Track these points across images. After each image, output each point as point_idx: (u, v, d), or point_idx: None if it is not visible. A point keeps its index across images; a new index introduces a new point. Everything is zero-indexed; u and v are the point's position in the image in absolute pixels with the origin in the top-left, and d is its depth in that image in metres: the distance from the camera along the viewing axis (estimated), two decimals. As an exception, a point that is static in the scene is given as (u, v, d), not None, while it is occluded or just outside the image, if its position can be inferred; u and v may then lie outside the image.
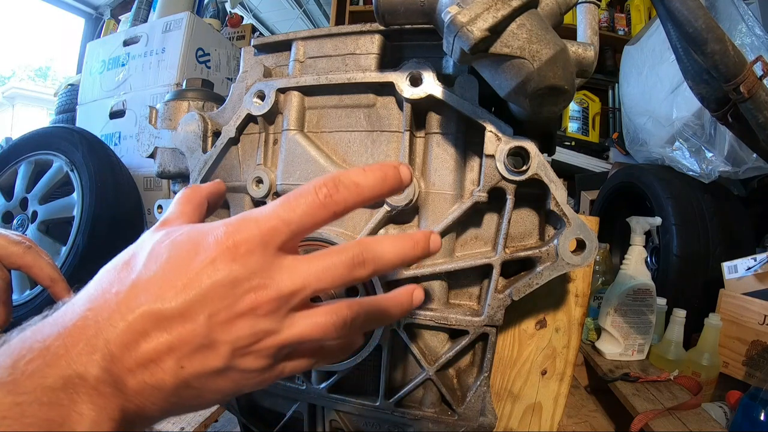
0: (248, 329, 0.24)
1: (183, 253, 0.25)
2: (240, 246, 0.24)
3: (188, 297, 0.24)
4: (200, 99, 0.69)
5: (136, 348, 0.23)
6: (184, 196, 0.33)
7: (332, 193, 0.26)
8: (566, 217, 0.44)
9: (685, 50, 0.52)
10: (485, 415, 0.50)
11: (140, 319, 0.23)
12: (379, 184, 0.28)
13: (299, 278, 0.25)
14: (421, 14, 0.41)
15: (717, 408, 0.84)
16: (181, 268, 0.24)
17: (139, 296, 0.24)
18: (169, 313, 0.24)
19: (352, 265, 0.26)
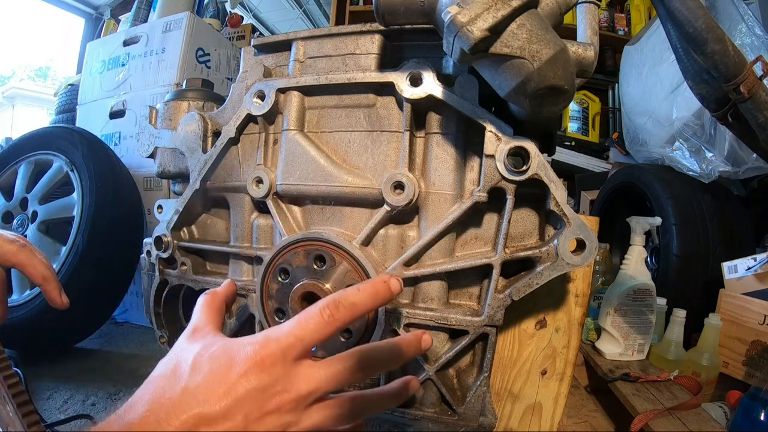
0: (275, 422, 0.32)
1: (221, 367, 0.32)
2: (266, 360, 0.32)
3: (228, 402, 0.31)
4: (200, 99, 0.69)
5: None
6: (206, 303, 0.41)
7: (333, 313, 0.34)
8: (566, 217, 0.44)
9: (685, 50, 0.52)
10: (485, 415, 0.50)
11: (192, 419, 0.30)
12: (371, 300, 0.36)
13: (313, 383, 0.33)
14: (421, 14, 0.41)
15: (717, 408, 0.84)
16: (221, 379, 0.31)
17: (189, 401, 0.31)
18: (214, 415, 0.30)
19: (356, 371, 0.34)
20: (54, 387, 1.10)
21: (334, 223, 0.54)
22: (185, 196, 0.61)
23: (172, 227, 0.62)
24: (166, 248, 0.63)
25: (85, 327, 1.31)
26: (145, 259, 0.66)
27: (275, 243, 0.56)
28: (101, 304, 1.31)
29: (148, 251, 0.65)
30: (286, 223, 0.55)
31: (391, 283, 0.37)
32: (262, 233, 0.58)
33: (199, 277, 0.62)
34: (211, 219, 0.65)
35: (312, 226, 0.56)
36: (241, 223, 0.59)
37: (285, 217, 0.55)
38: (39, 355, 1.24)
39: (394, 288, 0.37)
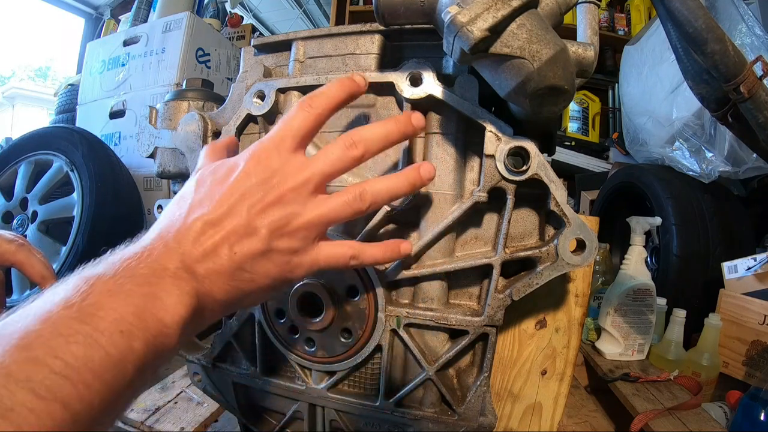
0: (278, 213, 0.32)
1: (223, 175, 0.34)
2: (260, 154, 0.33)
3: (231, 201, 0.32)
4: (200, 99, 0.69)
5: (200, 244, 0.31)
6: (208, 148, 0.43)
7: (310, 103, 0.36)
8: (566, 217, 0.44)
9: (685, 50, 0.52)
10: (485, 415, 0.50)
11: (201, 225, 0.32)
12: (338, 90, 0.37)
13: (311, 168, 0.33)
14: (421, 14, 0.41)
15: (717, 408, 0.84)
16: (222, 184, 0.33)
17: (195, 211, 0.32)
18: (220, 215, 0.32)
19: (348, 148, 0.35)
20: (54, 387, 1.10)
21: (334, 223, 0.54)
22: (185, 196, 0.61)
23: (172, 227, 0.62)
24: (166, 248, 0.62)
25: (85, 327, 1.31)
26: (145, 259, 0.66)
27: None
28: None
29: (148, 251, 0.65)
30: (286, 223, 0.55)
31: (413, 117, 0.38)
32: (262, 233, 0.58)
33: (199, 277, 0.62)
34: (211, 219, 0.65)
35: (312, 226, 0.56)
36: (241, 223, 0.59)
37: (285, 217, 0.55)
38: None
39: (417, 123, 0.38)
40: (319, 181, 0.34)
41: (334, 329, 0.52)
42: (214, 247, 0.31)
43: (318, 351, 0.53)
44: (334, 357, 0.53)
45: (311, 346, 0.53)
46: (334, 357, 0.53)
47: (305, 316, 0.52)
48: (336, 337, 0.52)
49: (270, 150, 0.34)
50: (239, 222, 0.32)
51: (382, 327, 0.50)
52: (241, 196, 0.32)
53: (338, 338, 0.52)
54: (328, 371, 0.54)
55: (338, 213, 0.34)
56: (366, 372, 0.54)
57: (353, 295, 0.51)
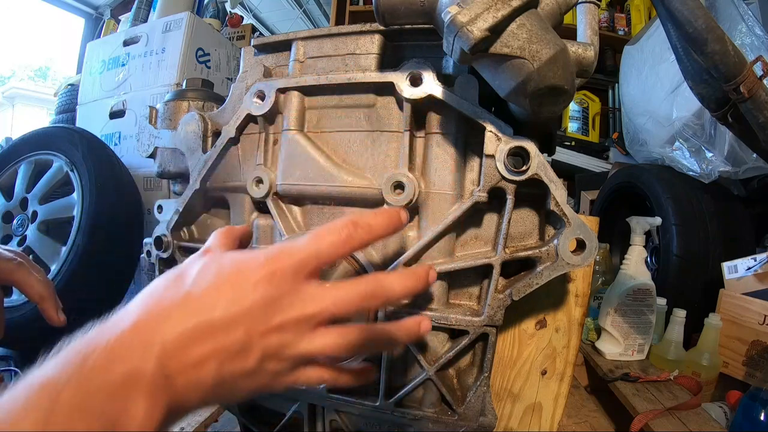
0: (276, 340, 0.30)
1: (230, 275, 0.31)
2: (276, 272, 0.30)
3: (233, 311, 0.29)
4: (200, 99, 0.69)
5: (187, 351, 0.28)
6: (222, 232, 0.39)
7: (352, 233, 0.33)
8: (566, 217, 0.44)
9: (685, 50, 0.52)
10: (485, 415, 0.50)
11: (193, 328, 0.29)
12: (385, 227, 0.35)
13: (320, 304, 0.31)
14: (421, 14, 0.41)
15: (717, 408, 0.84)
16: (227, 287, 0.30)
17: (191, 306, 0.29)
18: (217, 324, 0.29)
19: (365, 297, 0.32)
20: (54, 387, 1.10)
21: (334, 223, 0.54)
22: (185, 196, 0.61)
23: (172, 227, 0.62)
24: (166, 248, 0.62)
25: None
26: (145, 259, 0.66)
27: (275, 243, 0.56)
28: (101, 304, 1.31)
29: (148, 251, 0.65)
30: (286, 224, 0.55)
31: (401, 214, 0.37)
32: (263, 233, 0.58)
33: (199, 277, 0.62)
34: (211, 219, 0.65)
35: (312, 226, 0.56)
36: (241, 223, 0.59)
37: (285, 217, 0.55)
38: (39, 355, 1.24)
39: (404, 218, 0.37)
40: (326, 319, 0.32)
41: (334, 329, 0.51)
42: (202, 358, 0.29)
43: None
44: (334, 357, 0.53)
45: (311, 346, 0.53)
46: (334, 357, 0.53)
47: (305, 316, 0.52)
48: (336, 337, 0.52)
49: (287, 271, 0.31)
50: (236, 339, 0.29)
51: (382, 327, 0.50)
52: (245, 311, 0.30)
53: (338, 338, 0.52)
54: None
55: (331, 350, 0.32)
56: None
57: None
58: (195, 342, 0.29)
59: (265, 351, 0.30)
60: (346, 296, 0.32)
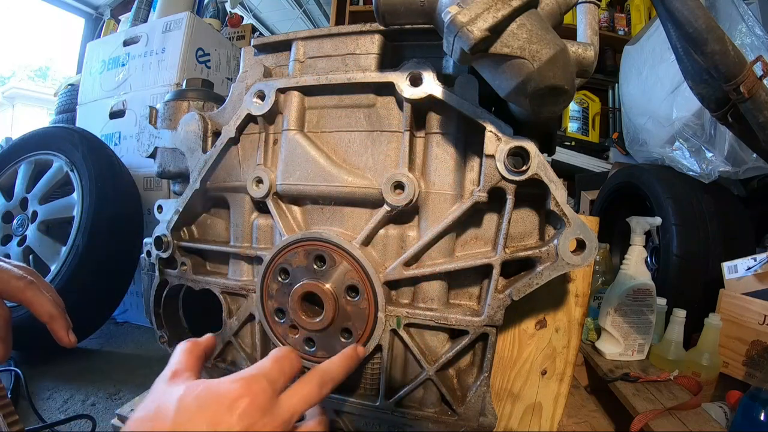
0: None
1: (211, 406, 0.33)
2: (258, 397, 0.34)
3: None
4: (200, 99, 0.69)
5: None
6: (187, 349, 0.41)
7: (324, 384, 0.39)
8: (566, 217, 0.44)
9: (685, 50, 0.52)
10: (485, 415, 0.50)
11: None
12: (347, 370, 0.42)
13: (293, 408, 0.36)
14: (421, 14, 0.41)
15: (717, 408, 0.84)
16: (213, 421, 0.32)
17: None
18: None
19: (321, 388, 0.38)
20: (54, 387, 1.10)
21: (334, 223, 0.54)
22: (185, 196, 0.61)
23: (172, 227, 0.62)
24: (166, 248, 0.63)
25: (85, 327, 1.31)
26: (145, 259, 0.66)
27: (275, 243, 0.56)
28: (101, 304, 1.31)
29: (148, 251, 0.65)
30: (286, 223, 0.55)
31: (358, 350, 0.44)
32: (262, 233, 0.58)
33: (199, 277, 0.62)
34: (211, 219, 0.65)
35: (312, 226, 0.56)
36: (241, 223, 0.59)
37: (285, 217, 0.55)
38: (39, 355, 1.24)
39: (361, 354, 0.45)
40: (296, 419, 0.36)
41: (334, 329, 0.52)
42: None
43: (318, 351, 0.53)
44: (334, 357, 0.53)
45: (311, 346, 0.53)
46: (334, 357, 0.53)
47: (305, 316, 0.52)
48: (336, 337, 0.52)
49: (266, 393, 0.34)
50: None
51: (382, 327, 0.50)
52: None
53: (338, 338, 0.52)
54: (328, 371, 0.54)
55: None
56: (366, 372, 0.54)
57: (353, 295, 0.51)
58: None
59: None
60: (308, 395, 0.37)
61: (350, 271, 0.50)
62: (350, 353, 0.43)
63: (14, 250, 1.32)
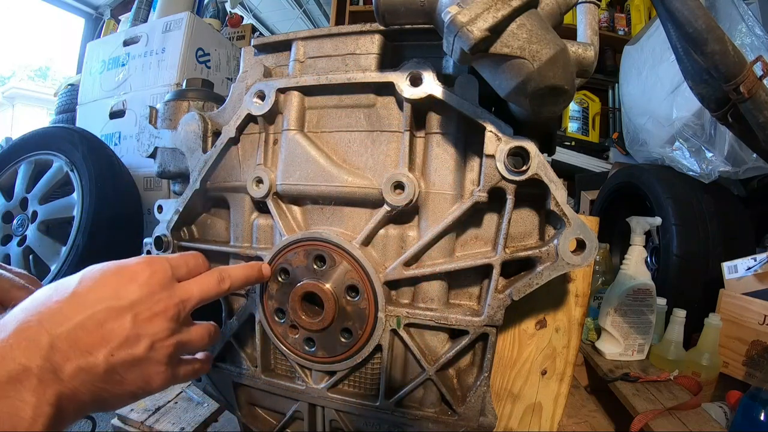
0: (162, 325, 0.35)
1: (115, 274, 0.35)
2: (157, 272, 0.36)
3: (122, 303, 0.33)
4: (200, 99, 0.69)
5: (78, 342, 0.31)
6: None
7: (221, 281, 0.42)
8: (566, 217, 0.44)
9: (685, 50, 0.52)
10: (485, 415, 0.50)
11: (84, 319, 0.32)
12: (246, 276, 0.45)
13: (190, 292, 0.39)
14: (422, 14, 0.41)
15: (717, 408, 0.84)
16: (114, 283, 0.34)
17: (80, 303, 0.32)
18: (108, 314, 0.33)
19: (218, 282, 0.41)
20: (54, 387, 1.10)
21: (334, 223, 0.54)
22: (185, 196, 0.61)
23: (172, 227, 0.62)
24: (166, 248, 0.62)
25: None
26: (145, 259, 0.66)
27: (275, 243, 0.56)
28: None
29: (148, 251, 0.65)
30: (286, 223, 0.55)
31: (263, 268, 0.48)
32: (262, 233, 0.58)
33: (199, 277, 0.62)
34: (211, 219, 0.65)
35: (312, 226, 0.56)
36: (241, 223, 0.59)
37: (285, 217, 0.55)
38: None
39: (266, 272, 0.48)
40: (196, 303, 0.39)
41: (334, 329, 0.52)
42: (92, 346, 0.32)
43: (318, 351, 0.53)
44: (334, 357, 0.53)
45: (311, 345, 0.53)
46: (334, 357, 0.53)
47: (305, 316, 0.52)
48: (336, 337, 0.52)
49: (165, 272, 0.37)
50: (125, 326, 0.33)
51: (382, 327, 0.50)
52: (132, 302, 0.34)
53: (338, 338, 0.52)
54: (328, 371, 0.54)
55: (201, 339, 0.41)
56: (366, 372, 0.54)
57: (353, 295, 0.51)
58: (85, 332, 0.31)
59: (153, 337, 0.35)
60: (206, 283, 0.40)
61: (350, 271, 0.50)
62: (254, 264, 0.47)
63: (14, 250, 1.32)
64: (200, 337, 0.40)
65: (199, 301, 0.39)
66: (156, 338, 0.35)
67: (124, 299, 0.34)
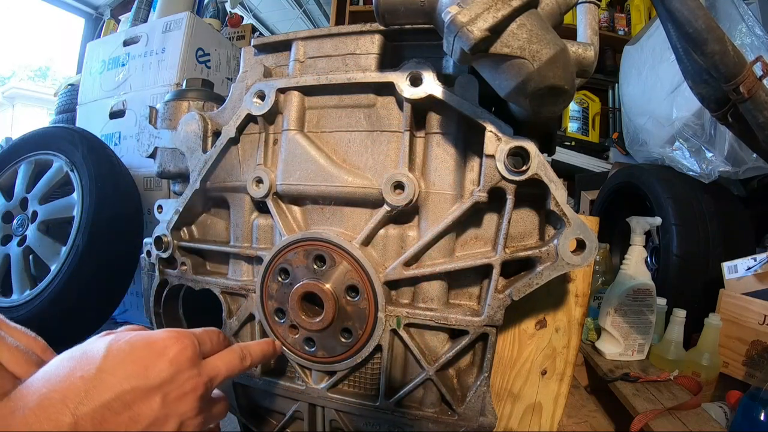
0: (191, 404, 0.35)
1: (142, 351, 0.33)
2: (187, 350, 0.35)
3: (150, 383, 0.32)
4: (200, 99, 0.69)
5: (103, 422, 0.30)
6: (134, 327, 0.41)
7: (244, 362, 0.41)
8: (566, 217, 0.44)
9: (685, 50, 0.52)
10: (485, 415, 0.50)
11: (110, 400, 0.30)
12: (263, 354, 0.44)
13: (216, 369, 0.38)
14: (421, 14, 0.41)
15: (717, 408, 0.84)
16: (142, 360, 0.33)
17: (106, 381, 0.31)
18: (134, 395, 0.31)
19: (241, 360, 0.41)
20: (54, 387, 1.10)
21: (334, 223, 0.54)
22: (185, 196, 0.61)
23: (172, 227, 0.62)
24: (166, 248, 0.62)
25: (85, 327, 1.31)
26: (145, 259, 0.66)
27: (275, 243, 0.56)
28: (101, 304, 1.31)
29: (148, 251, 0.65)
30: (286, 223, 0.55)
31: (276, 345, 0.47)
32: (262, 233, 0.58)
33: (199, 277, 0.62)
34: (211, 219, 0.65)
35: (312, 226, 0.56)
36: (241, 223, 0.59)
37: (285, 217, 0.55)
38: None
39: (278, 348, 0.47)
40: (220, 381, 0.38)
41: (334, 329, 0.52)
42: (117, 427, 0.30)
43: (318, 351, 0.53)
44: (334, 357, 0.53)
45: (311, 346, 0.53)
46: (334, 357, 0.53)
47: (305, 316, 0.52)
48: (336, 337, 0.52)
49: (194, 350, 0.36)
50: (155, 406, 0.32)
51: (382, 327, 0.50)
52: (161, 382, 0.33)
53: (338, 338, 0.52)
54: (328, 371, 0.54)
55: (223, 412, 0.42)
56: (366, 372, 0.54)
57: (353, 295, 0.51)
58: (112, 413, 0.30)
59: (182, 416, 0.34)
60: (231, 361, 0.40)
61: (350, 271, 0.50)
62: (269, 341, 0.46)
63: (14, 250, 1.32)
64: (222, 411, 0.41)
65: (225, 379, 0.39)
66: (185, 417, 0.34)
67: (154, 379, 0.32)
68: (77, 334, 1.32)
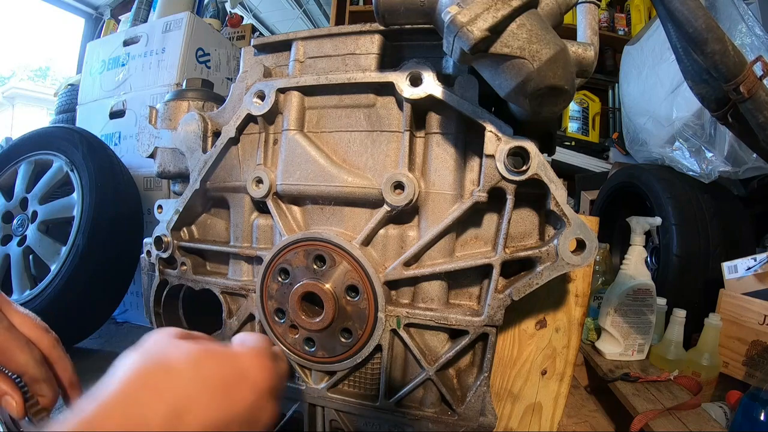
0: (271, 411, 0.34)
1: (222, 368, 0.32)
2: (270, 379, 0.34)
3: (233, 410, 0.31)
4: (200, 99, 0.69)
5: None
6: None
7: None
8: (566, 217, 0.44)
9: (685, 50, 0.52)
10: (485, 415, 0.50)
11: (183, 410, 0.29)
12: None
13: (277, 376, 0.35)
14: (421, 14, 0.41)
15: (717, 408, 0.84)
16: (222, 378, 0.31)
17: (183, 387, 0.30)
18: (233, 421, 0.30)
19: (282, 363, 0.37)
20: (54, 387, 1.10)
21: (334, 223, 0.54)
22: (185, 196, 0.61)
23: (172, 227, 0.62)
24: (166, 248, 0.62)
25: (85, 327, 1.31)
26: (145, 259, 0.66)
27: (275, 243, 0.56)
28: (101, 304, 1.31)
29: (148, 251, 0.65)
30: (286, 223, 0.55)
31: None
32: (262, 233, 0.58)
33: (199, 277, 0.62)
34: (211, 219, 0.65)
35: (312, 226, 0.56)
36: (241, 223, 0.59)
37: (285, 217, 0.55)
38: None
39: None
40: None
41: (334, 329, 0.52)
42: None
43: (318, 351, 0.53)
44: (334, 357, 0.53)
45: (311, 346, 0.53)
46: (334, 357, 0.53)
47: (305, 316, 0.52)
48: (336, 337, 0.52)
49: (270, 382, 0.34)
50: None
51: (382, 327, 0.50)
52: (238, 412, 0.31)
53: (338, 338, 0.52)
54: (328, 371, 0.54)
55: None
56: (366, 372, 0.54)
57: (353, 295, 0.51)
58: None
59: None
60: (281, 371, 0.37)
61: (350, 271, 0.50)
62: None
63: (14, 250, 1.32)
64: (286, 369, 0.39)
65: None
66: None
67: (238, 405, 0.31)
68: (77, 334, 1.32)
